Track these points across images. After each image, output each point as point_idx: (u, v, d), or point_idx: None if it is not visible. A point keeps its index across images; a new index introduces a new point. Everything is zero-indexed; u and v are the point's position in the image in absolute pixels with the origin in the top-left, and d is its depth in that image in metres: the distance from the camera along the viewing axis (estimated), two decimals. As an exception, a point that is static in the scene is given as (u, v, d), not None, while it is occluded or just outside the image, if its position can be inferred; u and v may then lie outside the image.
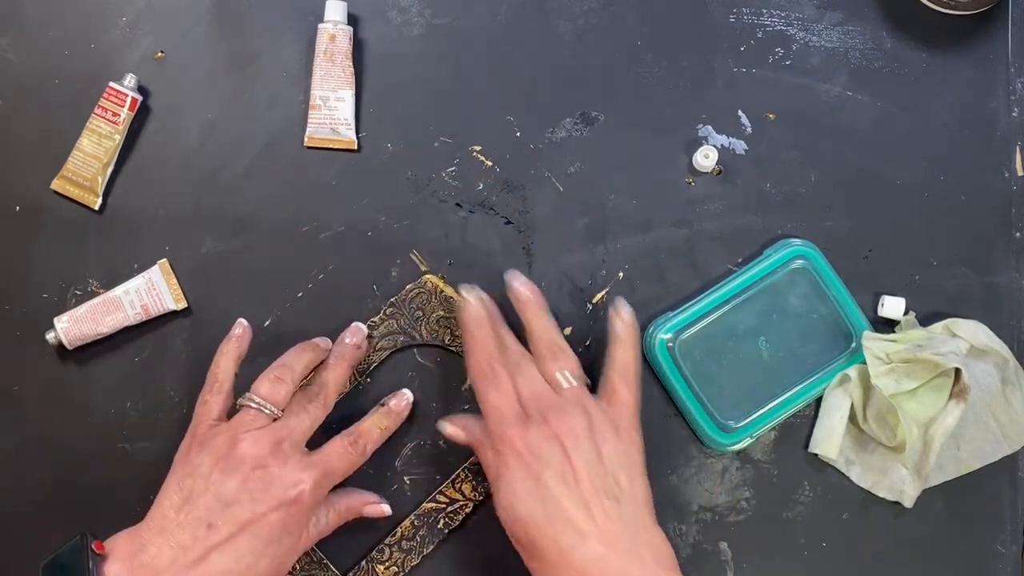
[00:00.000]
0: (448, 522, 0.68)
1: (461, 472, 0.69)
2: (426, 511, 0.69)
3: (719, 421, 0.68)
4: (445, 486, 0.69)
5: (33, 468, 0.70)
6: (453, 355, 0.70)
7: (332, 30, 0.71)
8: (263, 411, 0.61)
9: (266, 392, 0.62)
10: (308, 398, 0.63)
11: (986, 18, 0.74)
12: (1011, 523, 0.70)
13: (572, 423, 0.59)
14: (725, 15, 0.73)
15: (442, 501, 0.69)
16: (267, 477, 0.58)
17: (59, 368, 0.70)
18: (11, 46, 0.72)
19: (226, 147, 0.72)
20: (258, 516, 0.57)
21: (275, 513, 0.58)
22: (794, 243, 0.70)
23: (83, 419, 0.70)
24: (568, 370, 0.63)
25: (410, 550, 0.68)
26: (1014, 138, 0.73)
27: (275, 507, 0.58)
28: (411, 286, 0.70)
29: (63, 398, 0.70)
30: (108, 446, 0.69)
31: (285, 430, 0.61)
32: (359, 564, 0.68)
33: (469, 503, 0.69)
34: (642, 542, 0.57)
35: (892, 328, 0.70)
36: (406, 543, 0.68)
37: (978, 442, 0.68)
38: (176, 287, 0.70)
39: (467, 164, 0.72)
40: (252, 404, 0.61)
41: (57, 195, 0.71)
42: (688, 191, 0.72)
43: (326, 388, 0.64)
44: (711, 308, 0.69)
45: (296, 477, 0.59)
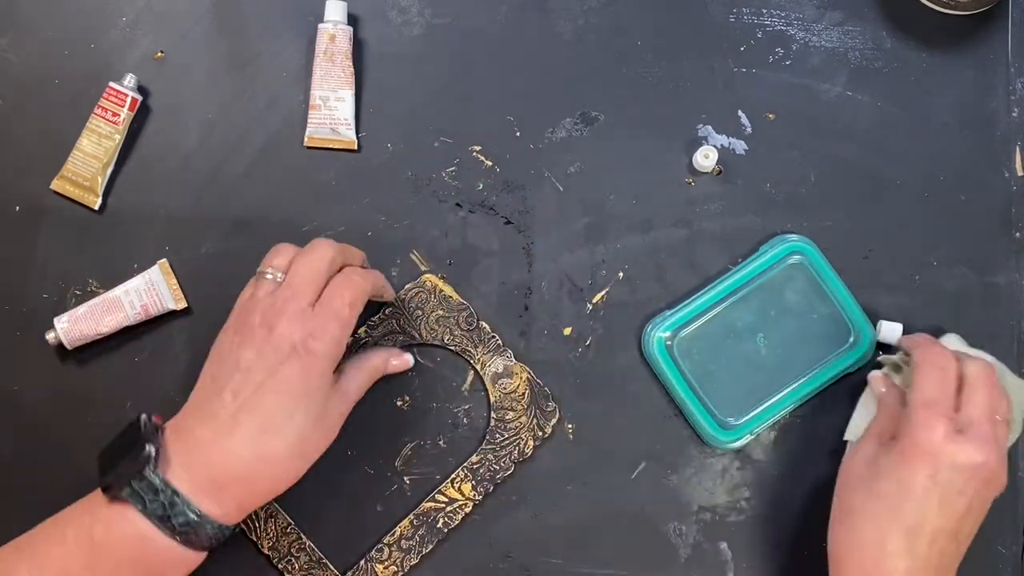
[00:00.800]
0: (447, 522, 0.68)
1: (461, 471, 0.69)
2: (425, 510, 0.69)
3: (719, 419, 0.68)
4: (445, 486, 0.69)
5: (33, 468, 0.69)
6: (453, 354, 0.70)
7: (332, 30, 0.71)
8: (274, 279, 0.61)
9: (277, 262, 0.62)
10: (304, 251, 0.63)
11: (986, 18, 0.74)
12: (1011, 523, 0.70)
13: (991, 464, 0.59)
14: (725, 15, 0.73)
15: (441, 501, 0.69)
16: (275, 336, 0.58)
17: (59, 368, 0.70)
18: (11, 46, 0.72)
19: (226, 147, 0.72)
20: (273, 372, 0.57)
21: (287, 366, 0.58)
22: (790, 239, 0.70)
23: (83, 419, 0.70)
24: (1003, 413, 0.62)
25: (409, 549, 0.68)
26: (1014, 138, 0.73)
27: (286, 359, 0.58)
28: (410, 285, 0.70)
29: (63, 398, 0.70)
30: (108, 446, 0.69)
31: (287, 289, 0.60)
32: (358, 564, 0.68)
33: (468, 503, 0.69)
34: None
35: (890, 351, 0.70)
36: (405, 542, 0.68)
37: None
38: (176, 287, 0.70)
39: (467, 164, 0.72)
40: (266, 275, 0.62)
41: (57, 195, 0.71)
42: (688, 191, 0.72)
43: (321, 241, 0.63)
44: (709, 306, 0.69)
45: (296, 327, 0.58)
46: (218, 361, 0.60)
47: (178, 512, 0.55)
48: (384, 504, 0.69)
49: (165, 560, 0.56)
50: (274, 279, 0.61)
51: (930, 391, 0.61)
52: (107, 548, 0.56)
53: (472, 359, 0.70)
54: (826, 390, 0.70)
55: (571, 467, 0.70)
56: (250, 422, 0.57)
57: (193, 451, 0.57)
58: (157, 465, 0.56)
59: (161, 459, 0.56)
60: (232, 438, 0.57)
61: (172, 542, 0.56)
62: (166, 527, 0.55)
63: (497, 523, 0.69)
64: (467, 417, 0.70)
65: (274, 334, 0.58)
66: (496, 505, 0.69)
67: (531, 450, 0.69)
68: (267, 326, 0.59)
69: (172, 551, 0.56)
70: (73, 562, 0.56)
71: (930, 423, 0.59)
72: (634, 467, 0.70)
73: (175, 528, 0.56)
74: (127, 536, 0.56)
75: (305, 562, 0.68)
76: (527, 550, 0.69)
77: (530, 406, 0.69)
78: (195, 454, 0.57)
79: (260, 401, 0.57)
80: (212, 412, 0.58)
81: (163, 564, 0.57)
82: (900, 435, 0.60)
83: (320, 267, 0.61)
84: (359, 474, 0.69)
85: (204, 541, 0.57)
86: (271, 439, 0.57)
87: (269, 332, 0.58)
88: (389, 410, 0.70)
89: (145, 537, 0.56)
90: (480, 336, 0.70)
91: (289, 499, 0.69)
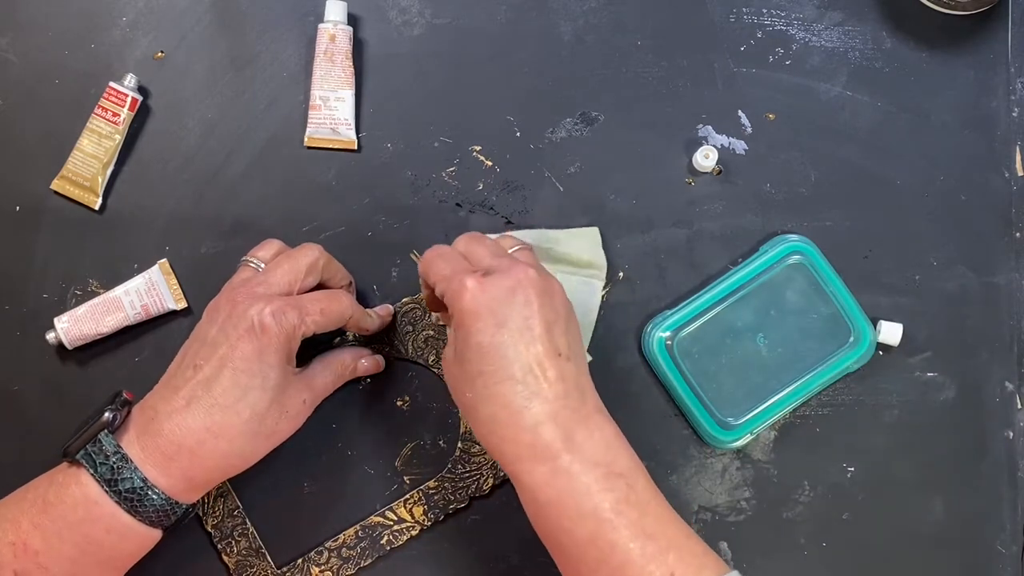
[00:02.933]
0: (391, 540, 0.68)
1: (416, 494, 0.68)
2: (372, 524, 0.68)
3: (719, 418, 0.68)
4: (396, 504, 0.68)
5: (33, 468, 0.69)
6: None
7: (332, 30, 0.71)
8: (252, 265, 0.64)
9: (262, 253, 0.65)
10: (289, 252, 0.64)
11: (986, 18, 0.74)
12: (1011, 523, 0.70)
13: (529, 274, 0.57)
14: (725, 15, 0.73)
15: (390, 518, 0.68)
16: (238, 313, 0.59)
17: (59, 368, 0.70)
18: (11, 46, 0.72)
19: (226, 147, 0.72)
20: (232, 348, 0.58)
21: (246, 343, 0.58)
22: (791, 239, 0.70)
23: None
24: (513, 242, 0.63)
25: (348, 559, 0.68)
26: (1014, 138, 0.73)
27: (244, 335, 0.58)
28: (407, 300, 0.70)
29: (63, 398, 0.70)
30: (108, 446, 0.69)
31: (261, 276, 0.62)
32: (295, 561, 0.68)
33: (416, 526, 0.68)
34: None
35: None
36: (346, 550, 0.68)
37: None
38: (176, 287, 0.70)
39: (467, 164, 0.72)
40: (251, 263, 0.64)
41: (57, 195, 0.71)
42: (688, 191, 0.72)
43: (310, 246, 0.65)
44: (709, 305, 0.69)
45: (260, 307, 0.59)
46: (191, 339, 0.61)
47: (124, 478, 0.57)
48: (384, 504, 0.69)
49: (110, 528, 0.57)
50: (256, 268, 0.63)
51: (443, 269, 0.59)
52: (57, 509, 0.57)
53: None
54: (826, 390, 0.70)
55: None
56: (205, 395, 0.58)
57: (149, 423, 0.58)
58: (113, 432, 0.58)
59: (120, 429, 0.58)
60: (187, 411, 0.58)
61: (118, 509, 0.57)
62: (113, 491, 0.57)
63: (495, 523, 0.69)
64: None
65: (238, 310, 0.59)
66: (495, 505, 0.69)
67: (488, 489, 0.68)
68: (232, 303, 0.60)
69: (118, 519, 0.57)
70: (24, 519, 0.57)
71: (459, 285, 0.57)
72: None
73: (121, 493, 0.57)
74: (75, 498, 0.57)
75: (244, 547, 0.68)
76: (526, 550, 0.69)
77: None
78: (151, 426, 0.58)
79: (218, 375, 0.58)
80: (175, 385, 0.59)
81: (109, 533, 0.58)
82: (450, 313, 0.59)
83: (300, 267, 0.62)
84: (359, 474, 0.69)
85: (151, 513, 0.58)
86: (223, 413, 0.58)
87: (233, 308, 0.59)
88: (389, 410, 0.70)
89: (92, 500, 0.57)
90: None
91: (289, 499, 0.69)
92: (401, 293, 0.70)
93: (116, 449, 0.57)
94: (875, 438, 0.70)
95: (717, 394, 0.68)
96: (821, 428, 0.70)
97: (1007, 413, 0.71)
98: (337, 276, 0.66)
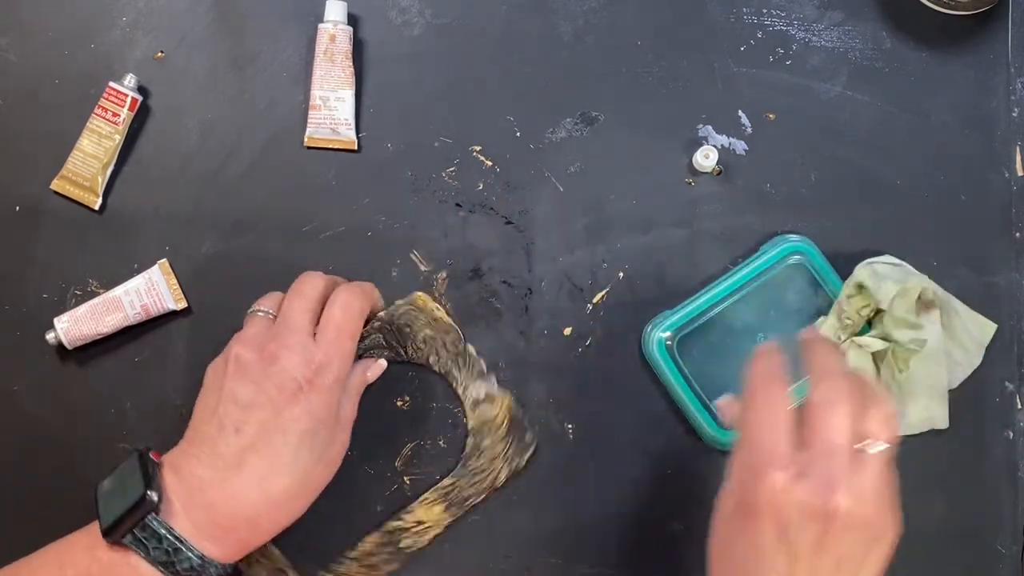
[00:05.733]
0: (412, 543, 0.68)
1: (432, 493, 0.68)
2: (392, 529, 0.68)
3: (719, 419, 0.68)
4: (414, 505, 0.68)
5: (33, 468, 0.69)
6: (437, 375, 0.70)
7: (332, 30, 0.71)
8: (266, 316, 0.61)
9: (264, 303, 0.62)
10: (293, 288, 0.63)
11: (986, 18, 0.74)
12: (1011, 523, 0.70)
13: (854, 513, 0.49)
14: (725, 15, 0.73)
15: (408, 521, 0.68)
16: (277, 371, 0.57)
17: (59, 368, 0.70)
18: (11, 46, 0.72)
19: (226, 147, 0.72)
20: (279, 410, 0.57)
21: (295, 405, 0.57)
22: (791, 239, 0.70)
23: (83, 419, 0.70)
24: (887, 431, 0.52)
25: (373, 567, 0.68)
26: (1014, 138, 0.73)
27: (291, 397, 0.57)
28: (401, 302, 0.69)
29: (63, 398, 0.70)
30: (108, 446, 0.69)
31: (280, 324, 0.60)
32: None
33: (438, 526, 0.68)
34: None
35: None
36: (369, 558, 0.68)
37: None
38: (176, 287, 0.70)
39: (467, 164, 0.72)
40: (259, 312, 0.62)
41: (57, 195, 0.71)
42: (688, 191, 0.72)
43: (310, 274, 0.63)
44: (708, 305, 0.69)
45: (303, 363, 0.58)
46: (215, 393, 0.59)
47: (182, 558, 0.55)
48: (384, 504, 0.69)
49: None
50: (266, 315, 0.61)
51: (757, 437, 0.52)
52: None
53: (455, 383, 0.69)
54: (826, 390, 0.70)
55: (571, 467, 0.70)
56: (257, 463, 0.56)
57: (196, 493, 0.56)
58: (160, 511, 0.55)
59: (163, 502, 0.55)
60: (238, 479, 0.56)
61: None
62: (170, 572, 0.55)
63: (496, 523, 0.69)
64: (467, 417, 0.70)
65: (275, 367, 0.58)
66: (496, 505, 0.69)
67: (505, 480, 0.68)
68: (267, 359, 0.58)
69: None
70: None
71: (760, 473, 0.50)
72: (634, 467, 0.70)
73: (179, 573, 0.55)
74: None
75: (270, 569, 0.67)
76: (527, 550, 0.69)
77: (508, 436, 0.69)
78: (198, 496, 0.56)
79: (268, 441, 0.56)
80: (215, 452, 0.57)
81: None
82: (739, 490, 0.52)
83: (313, 295, 0.61)
84: (359, 474, 0.69)
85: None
86: (277, 479, 0.56)
87: (269, 365, 0.58)
88: (389, 410, 0.70)
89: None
90: (465, 360, 0.69)
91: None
92: (402, 293, 0.70)
93: (168, 531, 0.54)
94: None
95: (717, 394, 0.68)
96: (821, 428, 0.70)
97: (1007, 413, 0.71)
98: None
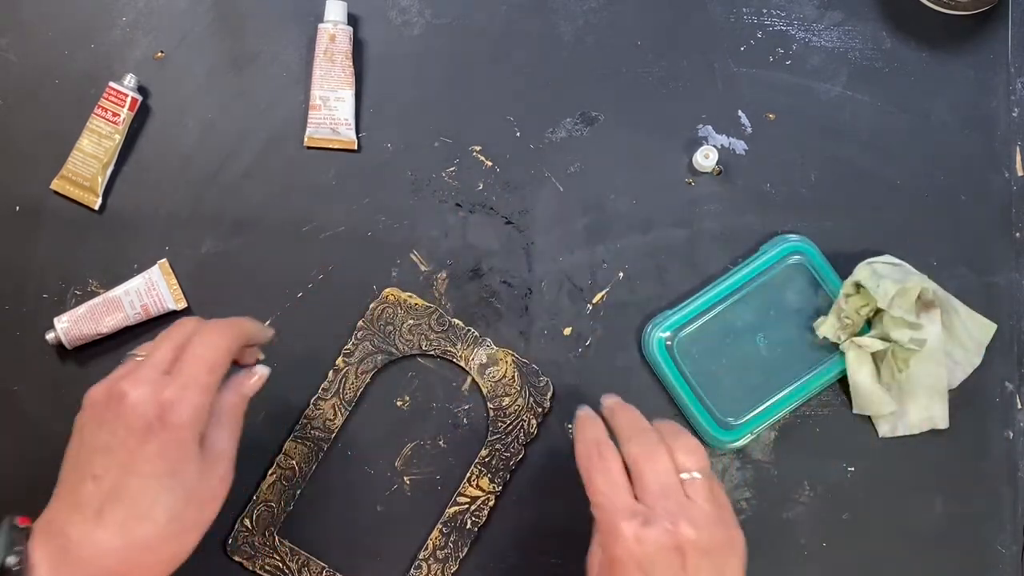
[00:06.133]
0: (475, 520, 0.68)
1: (474, 468, 0.69)
2: (451, 516, 0.68)
3: (719, 419, 0.68)
4: (463, 486, 0.68)
5: (33, 468, 0.69)
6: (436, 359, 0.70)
7: (332, 30, 0.71)
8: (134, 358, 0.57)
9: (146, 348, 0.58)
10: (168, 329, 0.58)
11: (986, 18, 0.74)
12: (1011, 523, 0.70)
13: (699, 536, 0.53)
14: (725, 15, 0.73)
15: (463, 502, 0.68)
16: (125, 408, 0.53)
17: (59, 368, 0.70)
18: (11, 46, 0.72)
19: (226, 147, 0.72)
20: (132, 453, 0.53)
21: (147, 445, 0.53)
22: (791, 239, 0.70)
23: (83, 419, 0.70)
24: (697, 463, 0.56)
25: (445, 559, 0.68)
26: (1014, 138, 0.73)
27: (143, 437, 0.53)
28: (374, 304, 0.69)
29: (63, 398, 0.70)
30: (108, 446, 0.69)
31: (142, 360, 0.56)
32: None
33: (491, 496, 0.68)
34: None
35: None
36: (440, 552, 0.68)
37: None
38: (176, 287, 0.70)
39: (467, 164, 0.72)
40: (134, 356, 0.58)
41: (57, 195, 0.71)
42: (688, 191, 0.72)
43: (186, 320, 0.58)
44: (708, 306, 0.69)
45: (151, 398, 0.53)
46: (77, 445, 0.55)
47: None
48: (384, 504, 0.69)
49: None
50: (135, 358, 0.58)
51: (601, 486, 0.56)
52: None
53: (454, 358, 0.70)
54: (827, 390, 0.70)
55: (571, 467, 0.70)
56: (116, 510, 0.52)
57: (64, 553, 0.52)
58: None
59: (28, 568, 0.51)
60: (100, 530, 0.52)
61: None
62: None
63: (497, 523, 0.69)
64: (467, 417, 0.70)
65: (124, 405, 0.53)
66: (496, 505, 0.69)
67: (535, 428, 0.69)
68: (116, 398, 0.54)
69: None
70: None
71: (613, 527, 0.54)
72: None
73: None
74: None
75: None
76: (527, 550, 0.69)
77: (523, 387, 0.69)
78: (66, 555, 0.52)
79: (125, 486, 0.52)
80: (77, 504, 0.53)
81: None
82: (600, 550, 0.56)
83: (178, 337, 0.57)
84: (359, 474, 0.69)
85: None
86: (140, 525, 0.52)
87: (118, 405, 0.54)
88: (389, 410, 0.70)
89: None
90: (456, 333, 0.70)
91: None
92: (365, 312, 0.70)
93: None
94: (875, 438, 0.70)
95: (717, 394, 0.68)
96: (821, 428, 0.70)
97: (1007, 413, 0.71)
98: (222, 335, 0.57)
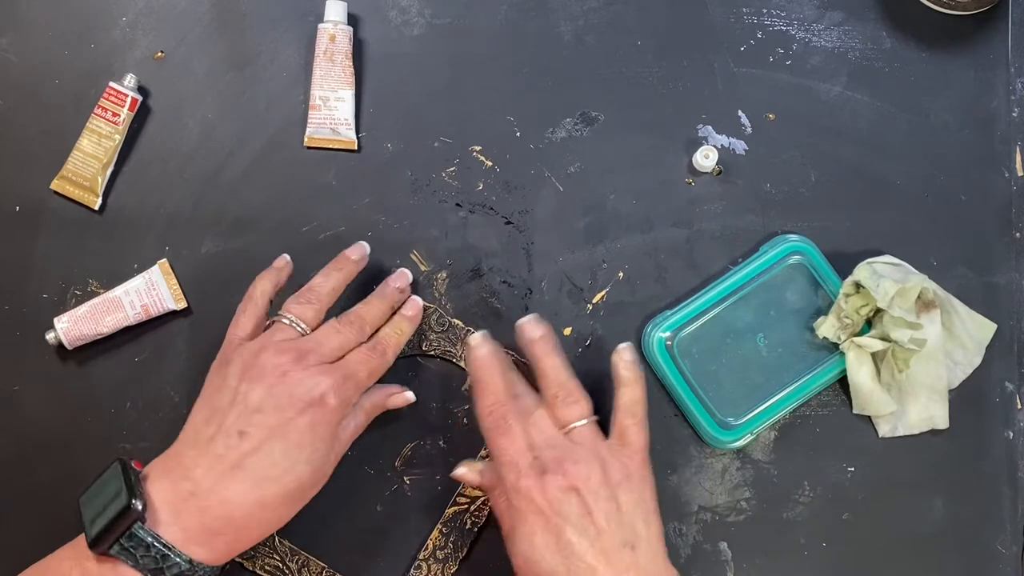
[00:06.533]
0: (475, 520, 0.68)
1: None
2: (451, 516, 0.68)
3: (719, 419, 0.68)
4: (463, 486, 0.68)
5: (33, 468, 0.69)
6: (438, 359, 0.70)
7: (332, 30, 0.71)
8: (295, 327, 0.62)
9: (296, 311, 0.63)
10: (341, 322, 0.64)
11: (986, 18, 0.74)
12: (1011, 523, 0.70)
13: (589, 472, 0.59)
14: (725, 15, 0.73)
15: (463, 502, 0.68)
16: (290, 383, 0.59)
17: (59, 368, 0.70)
18: (11, 46, 0.72)
19: (226, 147, 0.72)
20: (285, 421, 0.58)
21: (301, 417, 0.58)
22: (791, 239, 0.70)
23: (83, 419, 0.70)
24: (579, 412, 0.62)
25: (445, 559, 0.68)
26: (1014, 138, 0.73)
27: (301, 411, 0.58)
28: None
29: (63, 398, 0.70)
30: (108, 446, 0.69)
31: (312, 343, 0.62)
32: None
33: None
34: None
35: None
36: (440, 552, 0.68)
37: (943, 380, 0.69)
38: (176, 287, 0.70)
39: (467, 164, 0.72)
40: (284, 320, 0.63)
41: (57, 195, 0.71)
42: (688, 191, 0.72)
43: (361, 318, 0.65)
44: (709, 306, 0.69)
45: (316, 380, 0.59)
46: (219, 391, 0.60)
47: (171, 564, 0.55)
48: (384, 504, 0.69)
49: None
50: (294, 326, 0.62)
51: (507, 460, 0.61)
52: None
53: (454, 358, 0.70)
54: (827, 390, 0.70)
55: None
56: (255, 467, 0.57)
57: (188, 498, 0.56)
58: (145, 520, 0.55)
59: (148, 510, 0.56)
60: (233, 482, 0.57)
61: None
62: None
63: (496, 523, 0.69)
64: (467, 417, 0.70)
65: (289, 379, 0.59)
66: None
67: None
68: (283, 370, 0.59)
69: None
70: None
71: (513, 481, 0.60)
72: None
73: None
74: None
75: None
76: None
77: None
78: (190, 501, 0.56)
79: (270, 448, 0.57)
80: (216, 453, 0.57)
81: None
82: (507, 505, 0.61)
83: (351, 341, 0.63)
84: (359, 474, 0.69)
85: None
86: (272, 485, 0.58)
87: (284, 376, 0.59)
88: (389, 410, 0.70)
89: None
90: (456, 333, 0.70)
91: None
92: (401, 293, 0.70)
93: (156, 539, 0.55)
94: (875, 438, 0.70)
95: (717, 394, 0.68)
96: (821, 428, 0.70)
97: (1007, 413, 0.71)
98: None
